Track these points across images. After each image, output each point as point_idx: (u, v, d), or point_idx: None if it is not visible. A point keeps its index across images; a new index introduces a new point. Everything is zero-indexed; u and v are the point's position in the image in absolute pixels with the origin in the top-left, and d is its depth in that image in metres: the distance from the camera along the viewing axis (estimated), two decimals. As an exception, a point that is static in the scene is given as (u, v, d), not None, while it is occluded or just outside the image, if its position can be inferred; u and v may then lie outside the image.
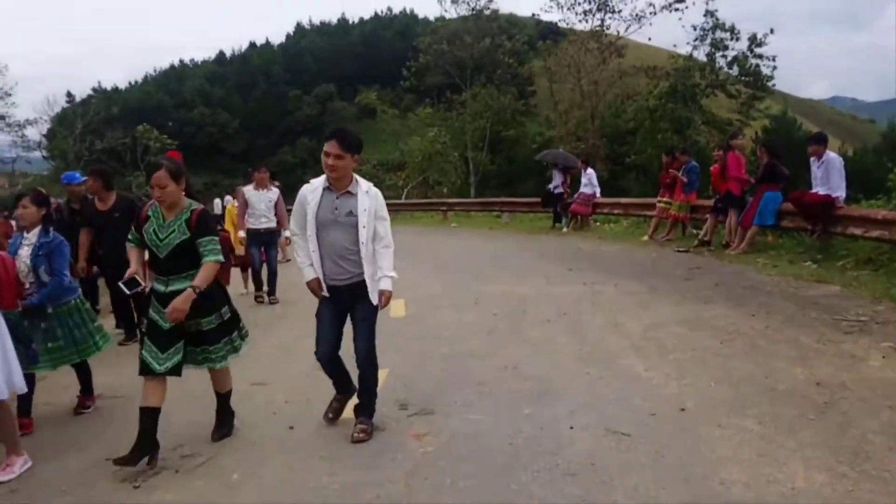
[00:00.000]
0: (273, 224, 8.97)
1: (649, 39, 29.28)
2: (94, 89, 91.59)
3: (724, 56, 26.77)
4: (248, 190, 9.01)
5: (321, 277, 3.89)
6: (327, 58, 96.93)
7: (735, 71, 27.38)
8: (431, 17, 47.37)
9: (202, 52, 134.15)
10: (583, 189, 14.06)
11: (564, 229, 14.29)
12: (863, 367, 4.41)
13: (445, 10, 32.54)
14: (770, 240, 9.87)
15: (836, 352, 4.76)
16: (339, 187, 3.81)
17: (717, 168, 10.38)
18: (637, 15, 28.21)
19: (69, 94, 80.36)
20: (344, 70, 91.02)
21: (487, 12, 32.22)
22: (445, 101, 33.40)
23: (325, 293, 3.93)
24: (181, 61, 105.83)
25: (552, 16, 36.19)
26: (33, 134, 46.57)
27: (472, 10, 31.60)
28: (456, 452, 3.56)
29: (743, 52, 26.60)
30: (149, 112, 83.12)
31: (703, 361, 4.80)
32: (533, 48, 38.38)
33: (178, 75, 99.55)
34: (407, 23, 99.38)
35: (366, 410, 3.95)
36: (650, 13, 27.87)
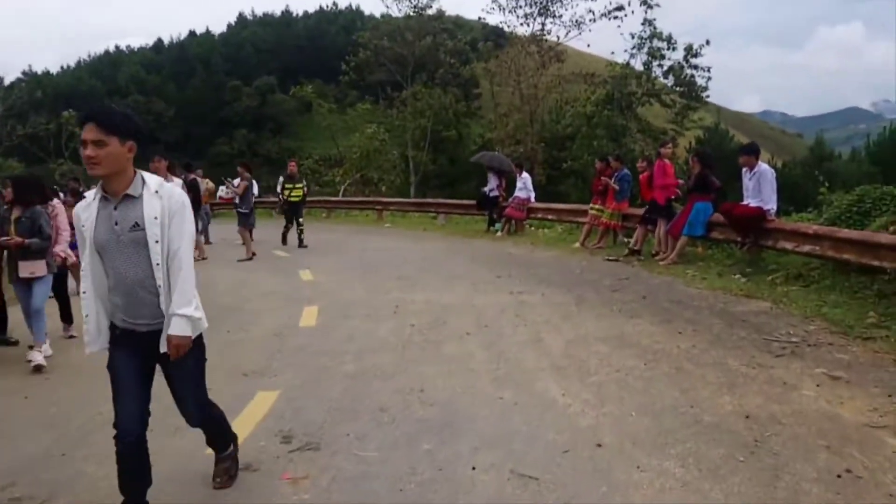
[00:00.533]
0: None
1: (588, 46, 29.33)
2: (23, 72, 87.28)
3: (660, 65, 26.99)
4: None
5: (104, 322, 2.82)
6: (269, 50, 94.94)
7: (670, 81, 27.68)
8: (377, 14, 46.58)
9: (140, 38, 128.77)
10: (517, 193, 13.76)
11: (498, 233, 13.95)
12: (795, 396, 4.09)
13: (387, 7, 31.86)
14: (700, 251, 9.73)
15: (766, 378, 4.44)
16: (113, 190, 2.72)
17: (644, 176, 10.20)
18: (577, 21, 28.20)
19: (-3, 78, 76.34)
20: (286, 63, 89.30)
21: (430, 11, 31.74)
22: (386, 97, 32.75)
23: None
24: (117, 47, 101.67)
25: (494, 18, 35.76)
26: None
27: (415, 8, 31.05)
28: (335, 502, 3.03)
29: (679, 62, 26.87)
30: (80, 98, 79.82)
31: (624, 385, 4.42)
32: (475, 49, 38.16)
33: (112, 62, 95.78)
34: (352, 18, 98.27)
35: (224, 450, 3.22)
36: (590, 20, 27.90)
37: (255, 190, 14.20)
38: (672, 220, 9.30)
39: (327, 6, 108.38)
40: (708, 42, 27.40)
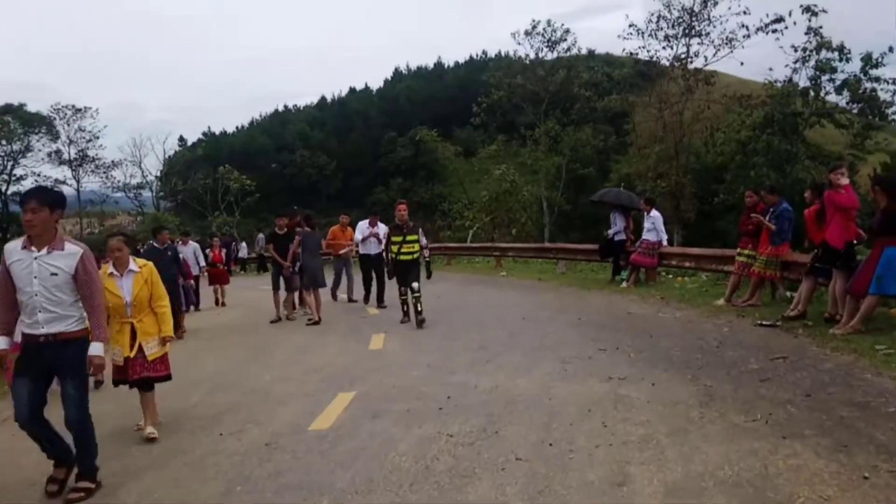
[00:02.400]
0: None
1: (742, 64, 25.82)
2: (203, 134, 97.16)
3: (831, 80, 22.60)
4: None
5: None
6: (422, 101, 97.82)
7: (845, 97, 23.15)
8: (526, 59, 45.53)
9: (307, 98, 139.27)
10: (645, 235, 11.46)
11: (624, 284, 11.67)
12: None
13: (519, 43, 30.56)
14: (894, 314, 6.96)
15: None
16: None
17: (812, 212, 7.60)
18: (727, 38, 24.99)
19: (181, 139, 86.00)
20: (438, 112, 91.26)
21: (564, 44, 30.03)
22: (519, 137, 31.25)
23: None
24: (285, 106, 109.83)
25: (631, 43, 33.00)
26: (120, 175, 48.91)
27: (548, 42, 29.48)
28: None
29: (855, 75, 22.35)
30: (252, 155, 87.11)
31: None
32: (612, 80, 35.67)
33: (281, 120, 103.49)
34: (501, 65, 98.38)
35: None
36: (743, 36, 24.62)
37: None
38: (854, 271, 6.69)
39: (477, 55, 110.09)
40: (892, 49, 22.51)
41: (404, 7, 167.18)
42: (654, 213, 11.72)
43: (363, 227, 12.19)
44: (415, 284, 9.34)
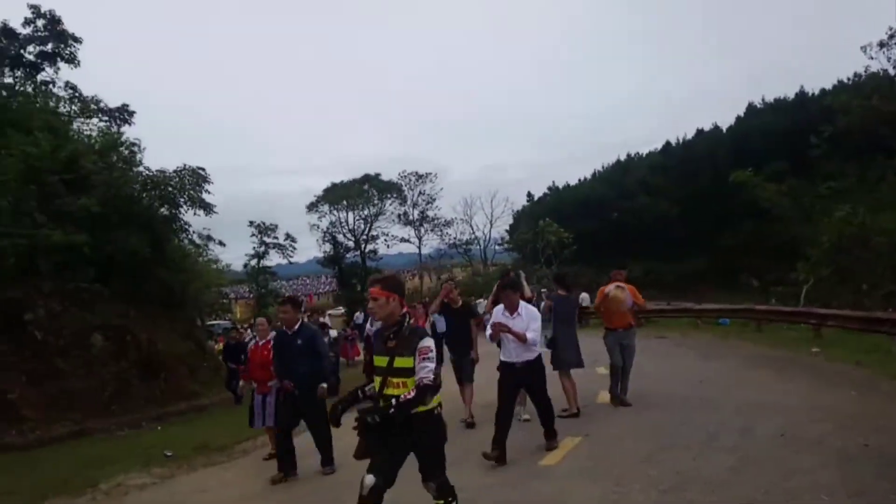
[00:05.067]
0: None
1: None
2: (548, 188, 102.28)
3: None
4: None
5: None
6: (779, 135, 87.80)
7: None
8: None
9: (650, 145, 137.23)
10: None
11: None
12: None
13: (872, 57, 24.96)
14: None
15: None
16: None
17: None
18: None
19: (529, 194, 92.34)
20: (798, 147, 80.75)
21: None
22: (875, 167, 25.23)
23: None
24: (628, 155, 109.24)
25: None
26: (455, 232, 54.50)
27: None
28: None
29: None
30: (593, 205, 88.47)
31: None
32: None
33: (622, 168, 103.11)
34: (847, 86, 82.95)
35: None
36: None
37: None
38: None
39: (848, 78, 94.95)
40: None
41: (760, 38, 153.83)
42: None
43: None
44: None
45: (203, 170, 18.82)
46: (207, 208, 19.24)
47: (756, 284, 63.17)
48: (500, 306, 7.32)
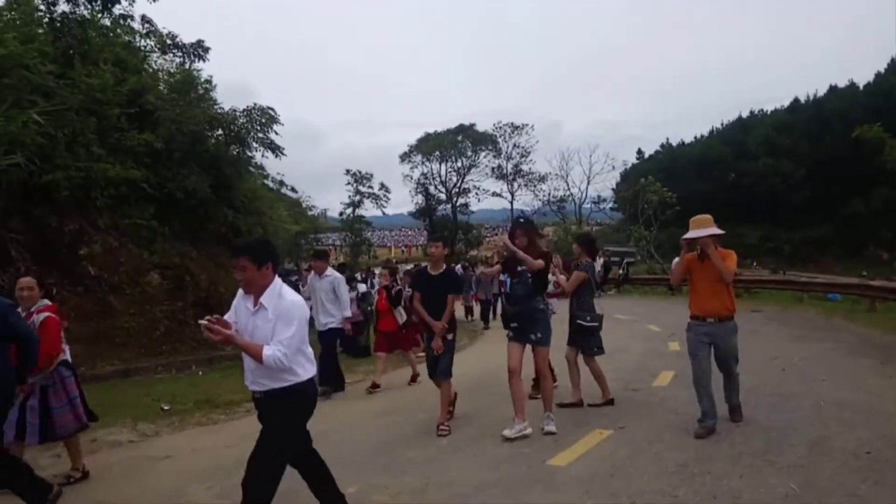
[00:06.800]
0: None
1: None
2: (661, 145, 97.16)
3: None
4: None
5: None
6: (929, 93, 78.25)
7: None
8: None
9: (775, 102, 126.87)
10: None
11: None
12: None
13: None
14: None
15: None
16: None
17: None
18: None
19: (639, 152, 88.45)
20: (952, 104, 71.56)
21: None
22: None
23: None
24: (751, 112, 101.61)
25: None
26: (549, 188, 51.97)
27: None
28: None
29: None
30: (708, 165, 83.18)
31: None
32: None
33: (744, 126, 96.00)
34: None
35: None
36: None
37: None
38: None
39: None
40: None
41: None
42: None
43: None
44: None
45: (273, 110, 18.19)
46: (276, 150, 18.73)
47: (885, 257, 57.22)
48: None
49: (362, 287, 15.36)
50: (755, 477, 4.95)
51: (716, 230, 6.13)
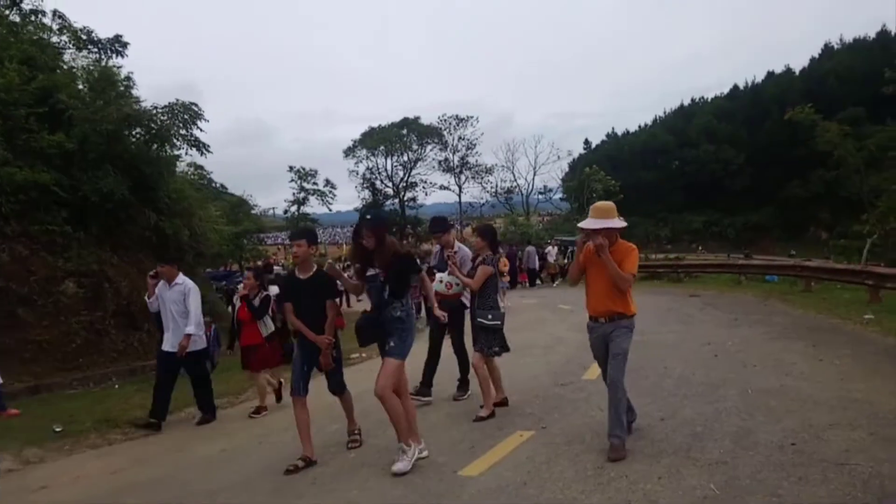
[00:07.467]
0: None
1: None
2: (607, 135, 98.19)
3: None
4: None
5: None
6: (857, 79, 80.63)
7: None
8: None
9: (717, 89, 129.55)
10: None
11: None
12: None
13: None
14: None
15: None
16: None
17: None
18: None
19: (586, 142, 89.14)
20: (878, 91, 73.83)
21: None
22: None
23: None
24: (692, 100, 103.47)
25: None
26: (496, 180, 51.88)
27: None
28: None
29: None
30: (653, 153, 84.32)
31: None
32: None
33: (685, 114, 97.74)
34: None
35: None
36: None
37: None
38: None
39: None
40: None
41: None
42: None
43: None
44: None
45: (196, 105, 17.33)
46: (201, 148, 17.87)
47: (825, 237, 59.11)
48: None
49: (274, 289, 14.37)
50: (674, 478, 4.64)
51: (616, 222, 5.37)
